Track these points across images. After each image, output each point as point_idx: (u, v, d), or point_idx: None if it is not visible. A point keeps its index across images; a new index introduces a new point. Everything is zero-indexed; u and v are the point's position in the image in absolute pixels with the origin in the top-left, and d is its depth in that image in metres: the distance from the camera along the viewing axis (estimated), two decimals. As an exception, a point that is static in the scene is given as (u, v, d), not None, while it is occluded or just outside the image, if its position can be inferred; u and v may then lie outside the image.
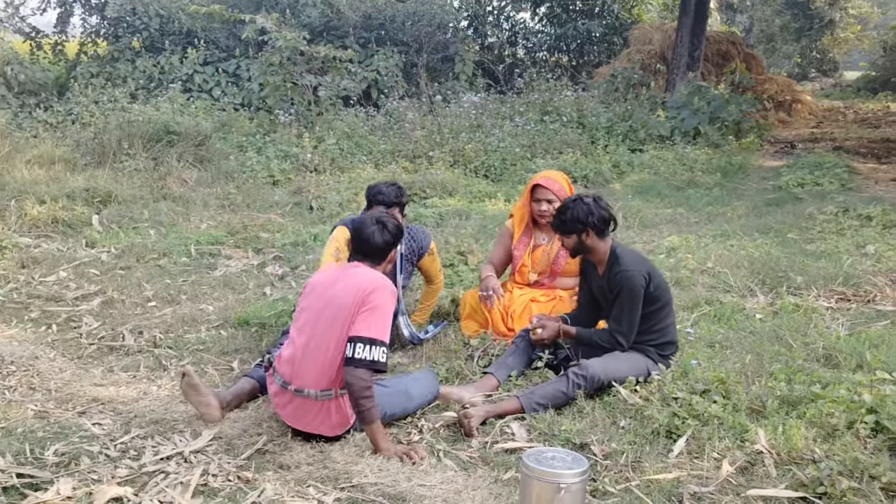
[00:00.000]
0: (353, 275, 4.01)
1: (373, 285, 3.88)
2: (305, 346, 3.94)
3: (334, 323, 3.88)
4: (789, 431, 3.87)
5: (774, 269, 6.89)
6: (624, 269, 4.55)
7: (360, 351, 3.79)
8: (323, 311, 3.93)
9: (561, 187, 5.53)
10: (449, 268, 7.04)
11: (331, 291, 3.97)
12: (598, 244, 4.67)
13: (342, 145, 12.98)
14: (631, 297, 4.54)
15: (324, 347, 3.87)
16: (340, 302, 3.90)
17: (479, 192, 11.15)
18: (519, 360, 4.91)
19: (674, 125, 15.91)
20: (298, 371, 3.93)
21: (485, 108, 15.91)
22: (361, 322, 3.82)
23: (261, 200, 10.18)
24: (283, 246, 8.08)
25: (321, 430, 3.98)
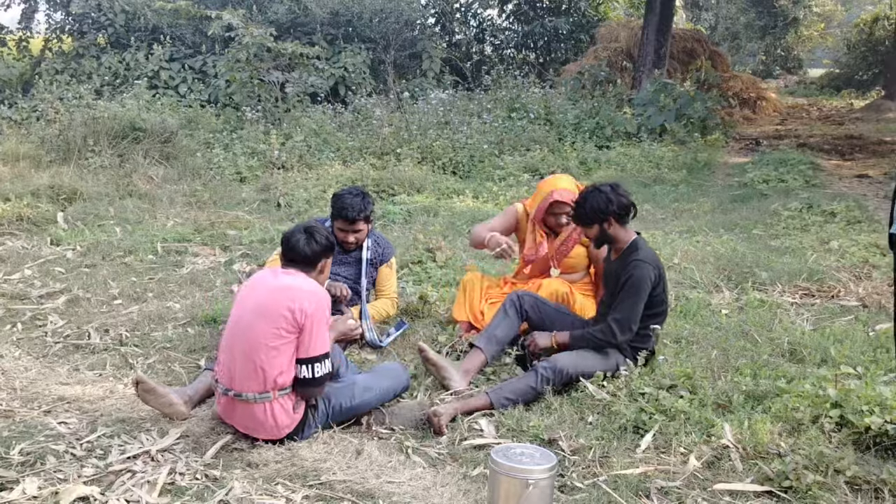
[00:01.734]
0: (283, 283, 3.95)
1: (305, 307, 3.79)
2: (235, 350, 3.91)
3: (263, 327, 3.82)
4: (755, 426, 3.91)
5: (740, 264, 6.95)
6: (639, 259, 4.54)
7: (302, 371, 3.84)
8: (252, 316, 3.89)
9: (575, 195, 5.40)
10: (417, 265, 7.03)
11: (259, 296, 3.94)
12: (620, 232, 4.67)
13: (310, 142, 12.93)
14: (637, 286, 4.50)
15: (253, 352, 3.83)
16: (268, 307, 3.85)
17: (448, 188, 11.15)
18: (508, 331, 4.89)
19: (640, 122, 16.01)
20: (234, 376, 3.91)
21: (453, 105, 15.91)
22: (302, 346, 3.83)
23: (228, 197, 10.12)
24: (251, 243, 8.04)
25: (267, 432, 3.92)
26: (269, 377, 3.81)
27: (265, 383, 3.82)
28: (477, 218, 9.22)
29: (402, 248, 7.41)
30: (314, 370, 3.85)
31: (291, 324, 3.79)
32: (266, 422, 3.88)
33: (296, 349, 3.85)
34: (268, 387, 3.83)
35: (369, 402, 4.20)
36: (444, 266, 7.01)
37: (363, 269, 5.48)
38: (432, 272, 6.85)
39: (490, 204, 10.42)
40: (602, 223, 4.64)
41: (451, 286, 6.54)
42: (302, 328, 3.81)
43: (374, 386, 4.23)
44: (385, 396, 4.27)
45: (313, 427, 4.04)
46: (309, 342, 3.83)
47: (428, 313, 5.91)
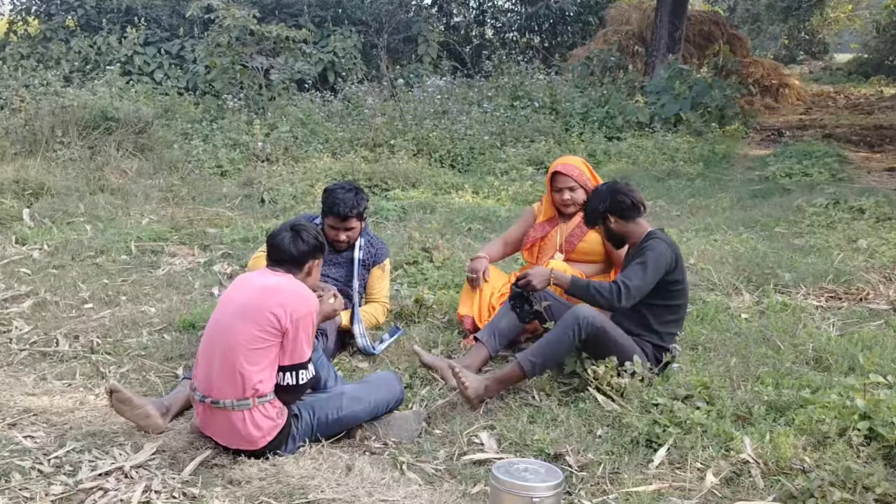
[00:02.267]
0: (270, 283, 3.99)
1: (293, 310, 3.84)
2: (214, 354, 3.92)
3: (244, 328, 3.84)
4: (777, 439, 3.91)
5: (761, 265, 6.95)
6: (655, 237, 4.72)
7: (286, 378, 3.90)
8: (233, 317, 3.90)
9: (581, 173, 5.64)
10: (412, 265, 7.03)
11: (243, 296, 3.96)
12: (629, 228, 4.83)
13: (296, 133, 12.92)
14: (651, 255, 4.63)
15: (232, 355, 3.84)
16: (252, 308, 3.86)
17: (445, 183, 11.14)
18: (513, 324, 4.98)
19: (653, 111, 16.01)
20: (211, 382, 3.91)
21: (450, 92, 15.91)
22: (286, 352, 3.88)
23: (207, 193, 10.11)
24: (233, 242, 8.03)
25: (247, 443, 3.93)
26: (249, 383, 3.82)
27: (244, 389, 3.83)
28: (477, 215, 9.22)
29: (396, 248, 7.41)
30: (298, 377, 3.90)
31: (275, 327, 3.82)
32: (245, 431, 3.87)
33: (279, 355, 3.86)
34: (247, 393, 3.83)
35: (359, 414, 4.19)
36: (441, 267, 7.01)
37: (355, 271, 5.49)
38: (429, 273, 6.85)
39: (491, 199, 10.42)
40: (605, 221, 4.83)
41: (450, 288, 6.54)
42: (286, 333, 3.84)
43: (365, 397, 4.22)
44: (377, 408, 4.27)
45: (298, 440, 4.04)
46: (294, 348, 3.86)
47: (424, 318, 5.91)
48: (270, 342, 3.83)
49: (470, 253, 7.49)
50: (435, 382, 4.83)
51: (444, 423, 4.42)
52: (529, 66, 17.79)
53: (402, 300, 6.05)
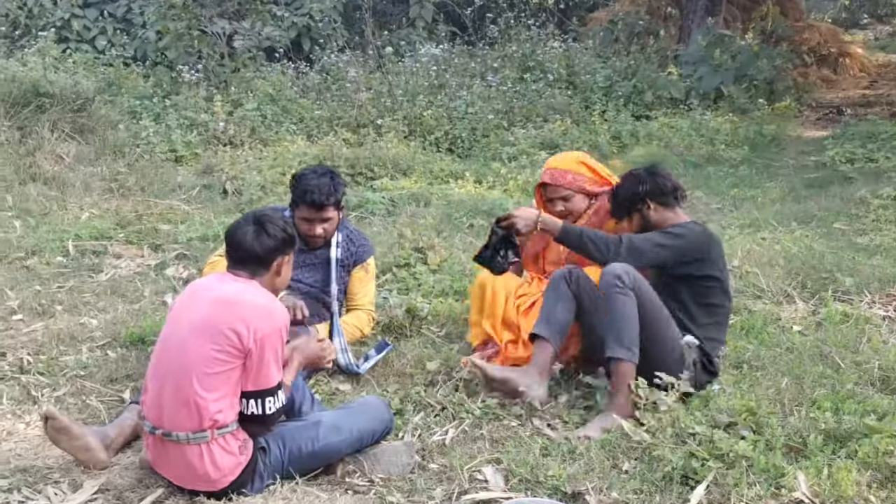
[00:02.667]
0: (230, 293, 3.90)
1: (257, 327, 3.77)
2: (165, 379, 3.87)
3: (200, 348, 3.78)
4: (837, 475, 3.91)
5: (817, 268, 6.95)
6: (694, 223, 4.85)
7: (251, 407, 3.86)
8: (187, 334, 3.86)
9: (575, 176, 5.53)
10: (403, 268, 7.03)
11: (198, 309, 3.89)
12: (667, 216, 4.92)
13: (265, 111, 12.92)
14: (677, 233, 4.75)
15: (186, 380, 3.78)
16: (209, 324, 3.79)
17: (442, 170, 11.14)
18: (567, 312, 5.01)
19: (689, 85, 16.02)
20: (162, 411, 3.86)
21: (448, 63, 15.91)
22: (250, 376, 3.82)
23: (159, 182, 10.10)
24: (189, 241, 8.02)
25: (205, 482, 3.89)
26: (206, 412, 3.77)
27: (201, 420, 3.78)
28: (480, 208, 9.22)
29: (384, 248, 7.41)
30: (265, 405, 3.85)
31: (236, 347, 3.75)
32: (203, 469, 3.83)
33: (241, 379, 3.83)
34: (204, 424, 3.78)
35: (339, 446, 4.16)
36: (437, 270, 7.01)
37: (332, 273, 5.45)
38: (422, 278, 6.85)
39: (497, 190, 10.42)
40: (640, 209, 4.90)
41: (448, 296, 6.54)
42: (249, 354, 3.78)
43: (346, 426, 4.18)
44: (361, 439, 4.24)
45: (267, 477, 4.02)
46: (259, 372, 3.80)
47: (417, 331, 5.90)
48: (231, 364, 3.76)
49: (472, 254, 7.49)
50: (430, 408, 4.83)
51: (440, 455, 4.41)
52: (542, 32, 17.83)
53: (391, 310, 6.04)
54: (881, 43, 33.29)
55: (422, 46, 17.17)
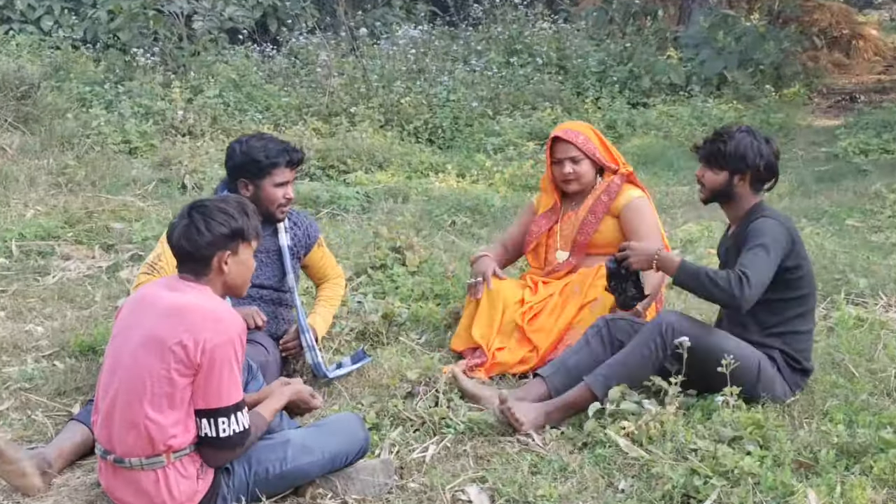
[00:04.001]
0: (176, 302, 3.80)
1: (205, 338, 3.67)
2: (116, 400, 3.81)
3: (148, 366, 3.72)
4: (851, 492, 3.92)
5: (829, 268, 6.98)
6: (763, 215, 4.77)
7: (204, 427, 3.75)
8: (135, 349, 3.80)
9: (587, 139, 5.75)
10: (379, 270, 7.02)
11: (144, 322, 3.82)
12: (747, 196, 4.89)
13: (227, 98, 12.89)
14: (763, 235, 4.67)
15: (136, 402, 3.73)
16: (155, 338, 3.71)
17: (422, 163, 11.14)
18: (588, 361, 4.97)
19: (690, 70, 16.05)
20: (113, 434, 3.82)
21: (428, 45, 15.89)
22: (199, 392, 3.72)
23: (112, 176, 10.04)
24: (145, 241, 7.99)
25: None
26: (160, 436, 3.70)
27: (153, 444, 3.72)
28: (463, 204, 9.22)
29: (358, 248, 7.41)
30: (217, 427, 3.74)
31: (184, 363, 3.66)
32: (159, 497, 3.76)
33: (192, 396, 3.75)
34: (158, 449, 3.72)
35: (308, 469, 4.10)
36: (417, 272, 7.00)
37: (286, 264, 5.39)
38: (401, 281, 6.84)
39: (481, 184, 10.42)
40: (735, 174, 4.82)
41: (428, 300, 6.54)
42: (199, 368, 3.69)
43: (317, 446, 4.13)
44: (333, 461, 4.18)
45: (230, 501, 3.99)
46: (207, 387, 3.70)
47: (395, 339, 5.90)
48: (183, 382, 3.68)
49: (454, 254, 7.51)
50: (409, 423, 4.83)
51: (420, 474, 4.41)
52: (530, 12, 17.80)
53: (366, 315, 6.04)
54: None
55: (399, 27, 17.13)
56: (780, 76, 16.77)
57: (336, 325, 5.89)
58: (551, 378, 4.92)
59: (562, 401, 4.71)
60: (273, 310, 5.34)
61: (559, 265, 5.83)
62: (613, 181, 5.78)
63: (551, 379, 4.92)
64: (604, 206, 5.71)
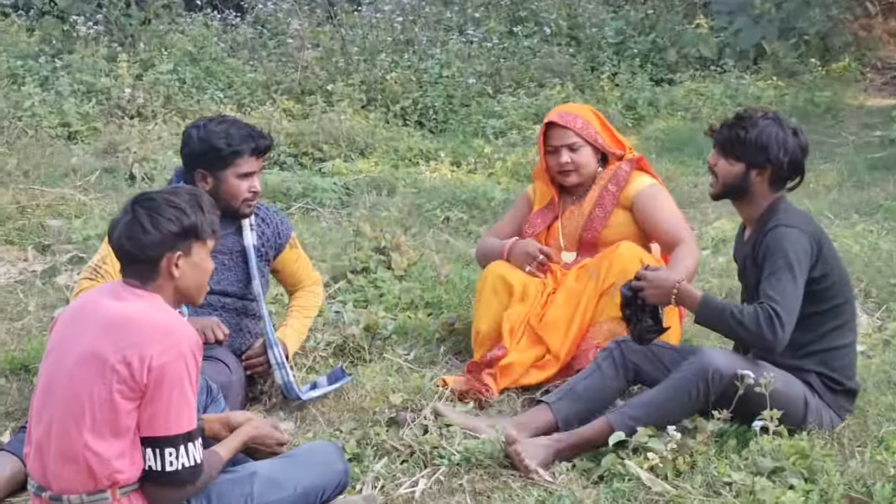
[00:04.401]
0: (118, 313, 3.73)
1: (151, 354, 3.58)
2: (51, 427, 3.78)
3: (87, 389, 3.69)
4: (910, 533, 3.93)
5: (884, 272, 6.99)
6: (779, 223, 4.72)
7: (149, 458, 3.65)
8: (70, 371, 3.77)
9: (586, 123, 5.68)
10: (361, 274, 7.01)
11: (82, 337, 3.75)
12: (765, 194, 4.87)
13: (183, 74, 12.88)
14: (792, 259, 4.62)
15: (75, 430, 3.71)
16: (95, 356, 3.69)
17: (410, 149, 11.15)
18: (598, 389, 5.00)
19: (723, 41, 16.06)
20: (48, 468, 3.80)
21: (418, 13, 15.89)
22: (144, 415, 3.63)
23: (48, 166, 10.04)
24: (86, 240, 7.97)
25: None
26: (102, 470, 3.65)
27: (95, 479, 3.68)
28: (458, 197, 9.22)
29: (336, 248, 7.41)
30: (163, 459, 3.65)
31: (128, 383, 3.58)
32: None
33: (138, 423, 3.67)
34: (101, 484, 3.68)
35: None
36: (404, 276, 7.00)
37: (252, 266, 5.34)
38: (386, 287, 6.84)
39: (480, 174, 10.42)
40: (753, 168, 4.80)
41: (418, 309, 6.54)
42: (146, 389, 3.61)
43: (288, 480, 4.10)
44: (307, 497, 4.14)
45: (187, 542, 3.98)
46: (154, 411, 3.63)
47: (379, 355, 5.89)
48: (128, 406, 3.61)
49: (447, 255, 7.52)
50: (395, 452, 4.82)
51: (409, 512, 4.42)
52: (536, -27, 17.84)
53: (345, 327, 6.04)
54: (965, -13, 33.47)
55: (384, -9, 17.17)
56: (828, 48, 16.79)
57: (311, 339, 5.88)
58: (557, 405, 4.92)
59: (576, 437, 4.69)
60: (237, 321, 5.31)
61: (566, 267, 5.81)
62: (621, 168, 5.76)
63: (557, 406, 4.92)
64: (612, 197, 5.68)
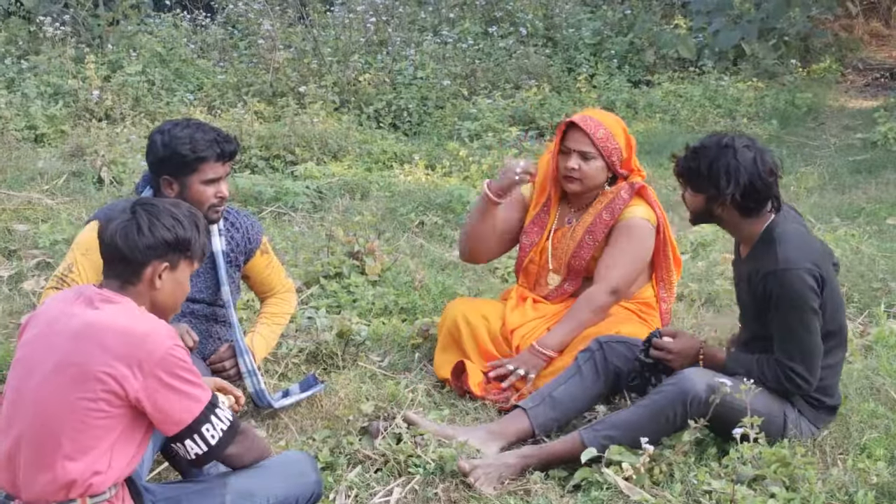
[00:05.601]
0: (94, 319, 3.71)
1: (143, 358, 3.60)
2: (22, 440, 3.78)
3: (65, 401, 3.68)
4: (892, 542, 3.94)
5: (866, 276, 7.00)
6: (780, 267, 4.63)
7: (192, 448, 3.74)
8: (43, 384, 3.76)
9: (609, 136, 5.59)
10: (335, 280, 7.00)
11: (56, 343, 3.74)
12: (738, 222, 4.82)
13: (152, 76, 12.84)
14: (798, 307, 4.61)
15: (50, 441, 3.69)
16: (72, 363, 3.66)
17: (384, 152, 11.14)
18: (576, 394, 5.01)
19: (702, 42, 16.09)
20: (18, 476, 3.78)
21: (392, 13, 15.89)
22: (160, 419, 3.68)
23: (14, 169, 10.01)
24: (53, 245, 7.94)
25: None
26: (79, 478, 3.66)
27: (68, 489, 3.69)
28: (433, 201, 9.22)
29: (308, 253, 7.39)
30: (204, 438, 3.74)
31: (115, 393, 3.62)
32: None
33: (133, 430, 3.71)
34: (74, 492, 3.67)
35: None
36: (378, 282, 7.00)
37: (221, 272, 5.31)
38: (359, 292, 6.83)
39: (455, 177, 10.42)
40: (711, 200, 4.75)
41: (392, 315, 6.54)
42: (139, 400, 3.63)
43: (260, 491, 4.09)
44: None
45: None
46: (169, 411, 3.68)
47: (353, 362, 5.88)
48: (107, 414, 3.63)
49: (422, 260, 7.53)
50: (369, 461, 4.82)
51: (383, 522, 4.41)
52: (512, -28, 17.85)
53: (318, 333, 6.01)
54: (946, -13, 33.61)
55: (357, -9, 17.17)
56: (808, 49, 16.84)
57: (283, 345, 5.86)
58: (534, 412, 4.94)
59: (546, 452, 4.69)
60: (206, 327, 5.31)
61: (552, 292, 5.82)
62: (619, 195, 5.66)
63: (534, 413, 4.93)
64: (604, 226, 5.62)
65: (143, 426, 3.73)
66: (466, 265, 7.48)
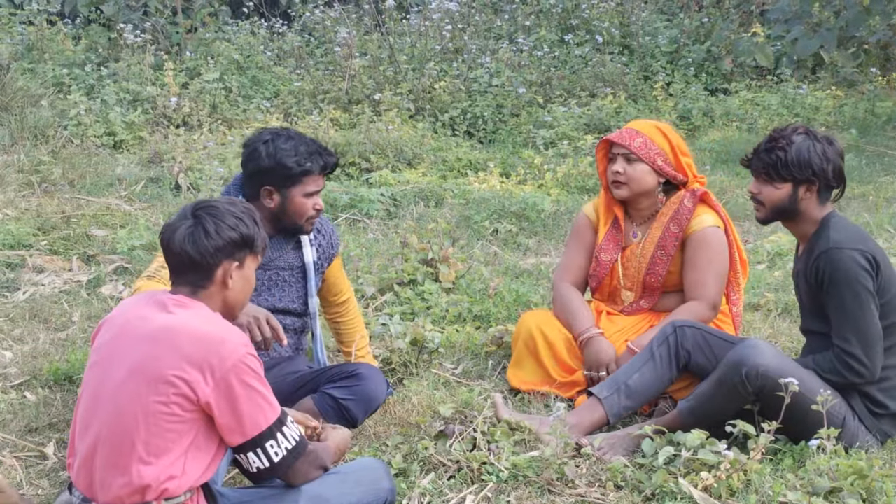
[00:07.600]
0: (165, 324, 3.73)
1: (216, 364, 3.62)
2: (98, 442, 3.78)
3: (139, 402, 3.67)
4: (972, 556, 3.89)
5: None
6: (831, 246, 4.67)
7: (254, 462, 3.77)
8: (119, 387, 3.75)
9: (645, 142, 5.56)
10: (408, 287, 7.01)
11: (128, 347, 3.76)
12: (813, 209, 4.83)
13: (229, 83, 12.92)
14: (851, 284, 4.62)
15: (126, 444, 3.69)
16: (145, 368, 3.66)
17: (459, 160, 11.13)
18: (651, 380, 5.06)
19: (780, 50, 15.97)
20: (94, 479, 3.79)
21: (467, 20, 15.89)
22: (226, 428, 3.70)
23: (93, 175, 10.08)
24: (132, 251, 8.00)
25: None
26: (154, 482, 3.66)
27: (144, 492, 3.70)
28: (507, 208, 9.20)
29: (383, 259, 7.40)
30: (267, 454, 3.75)
31: (187, 397, 3.64)
32: None
33: (206, 435, 3.72)
34: (149, 496, 3.71)
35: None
36: (452, 289, 6.99)
37: (310, 283, 5.29)
38: (433, 299, 6.83)
39: (530, 185, 10.40)
40: (800, 184, 4.76)
41: (465, 322, 6.53)
42: (209, 406, 3.66)
43: (334, 497, 4.05)
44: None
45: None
46: (239, 418, 3.70)
47: (426, 368, 5.88)
48: (181, 418, 3.66)
49: (496, 268, 7.50)
50: (442, 468, 4.81)
51: (457, 530, 4.41)
52: (589, -19, 17.80)
53: (391, 340, 6.01)
54: None
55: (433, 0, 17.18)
56: (888, 57, 16.65)
57: (355, 352, 5.87)
58: (609, 401, 4.98)
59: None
60: (296, 340, 5.31)
61: (627, 307, 5.81)
62: (683, 204, 5.62)
63: (609, 402, 4.98)
64: (674, 238, 5.58)
65: (218, 434, 3.75)
66: (541, 273, 7.49)
